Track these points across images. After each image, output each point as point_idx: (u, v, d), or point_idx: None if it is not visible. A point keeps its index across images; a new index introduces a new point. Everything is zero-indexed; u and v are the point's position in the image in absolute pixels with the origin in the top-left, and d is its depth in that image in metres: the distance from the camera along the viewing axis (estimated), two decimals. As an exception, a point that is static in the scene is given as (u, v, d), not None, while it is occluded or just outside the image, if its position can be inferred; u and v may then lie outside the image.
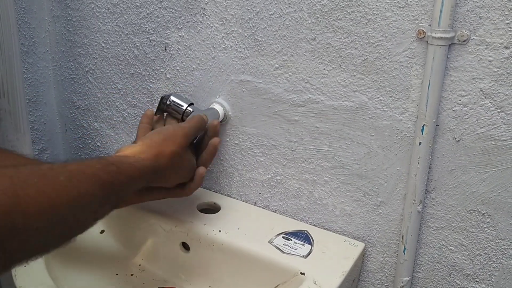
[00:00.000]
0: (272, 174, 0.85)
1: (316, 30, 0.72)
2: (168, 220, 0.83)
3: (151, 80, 0.91)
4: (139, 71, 0.92)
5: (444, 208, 0.73)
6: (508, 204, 0.68)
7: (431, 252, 0.76)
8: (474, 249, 0.72)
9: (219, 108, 0.83)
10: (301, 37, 0.74)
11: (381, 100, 0.71)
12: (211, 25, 0.81)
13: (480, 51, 0.63)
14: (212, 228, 0.81)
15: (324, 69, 0.74)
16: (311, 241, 0.79)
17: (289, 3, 0.73)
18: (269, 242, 0.78)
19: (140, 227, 0.86)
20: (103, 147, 1.04)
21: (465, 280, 0.75)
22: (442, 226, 0.74)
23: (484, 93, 0.65)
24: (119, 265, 0.83)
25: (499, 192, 0.68)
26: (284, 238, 0.79)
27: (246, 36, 0.78)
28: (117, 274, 0.82)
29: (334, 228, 0.82)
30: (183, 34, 0.84)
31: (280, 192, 0.85)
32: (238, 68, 0.81)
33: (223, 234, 0.80)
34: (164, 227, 0.83)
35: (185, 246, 0.83)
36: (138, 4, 0.87)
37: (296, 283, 0.71)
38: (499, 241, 0.70)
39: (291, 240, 0.79)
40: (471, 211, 0.71)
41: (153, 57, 0.89)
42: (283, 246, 0.77)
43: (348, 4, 0.69)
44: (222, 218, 0.84)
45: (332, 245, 0.79)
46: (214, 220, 0.83)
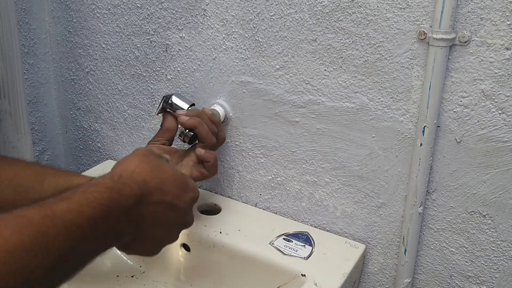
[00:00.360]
0: (273, 176, 0.85)
1: (317, 31, 0.72)
2: (169, 221, 0.83)
3: (152, 81, 0.91)
4: (140, 72, 0.92)
5: (445, 210, 0.73)
6: (509, 206, 0.68)
7: (432, 254, 0.76)
8: (475, 251, 0.72)
9: (220, 109, 0.83)
10: (302, 38, 0.74)
11: (382, 101, 0.71)
12: (212, 26, 0.81)
13: (481, 52, 0.63)
14: (213, 230, 0.81)
15: (325, 70, 0.74)
16: (312, 243, 0.79)
17: (290, 4, 0.73)
18: (270, 244, 0.78)
19: (141, 228, 0.86)
20: (104, 148, 1.04)
21: (466, 282, 0.74)
22: (443, 228, 0.74)
23: (485, 95, 0.65)
24: (120, 267, 0.83)
25: (500, 194, 0.68)
26: (285, 240, 0.79)
27: (247, 37, 0.78)
28: (118, 276, 0.81)
29: (335, 230, 0.82)
30: (184, 35, 0.84)
31: (281, 194, 0.85)
32: (239, 69, 0.81)
33: (224, 236, 0.80)
34: (165, 228, 0.83)
35: (186, 248, 0.83)
36: (139, 5, 0.87)
37: (297, 285, 0.71)
38: (500, 243, 0.70)
39: (292, 242, 0.79)
40: (472, 213, 0.71)
41: (154, 58, 0.89)
42: (284, 248, 0.77)
43: (349, 5, 0.69)
44: (223, 220, 0.84)
45: (333, 247, 0.78)
46: (215, 222, 0.83)
